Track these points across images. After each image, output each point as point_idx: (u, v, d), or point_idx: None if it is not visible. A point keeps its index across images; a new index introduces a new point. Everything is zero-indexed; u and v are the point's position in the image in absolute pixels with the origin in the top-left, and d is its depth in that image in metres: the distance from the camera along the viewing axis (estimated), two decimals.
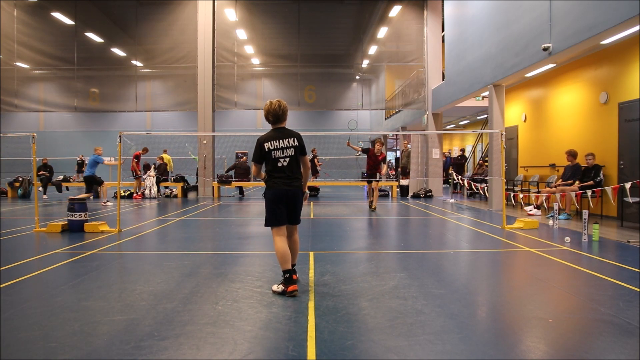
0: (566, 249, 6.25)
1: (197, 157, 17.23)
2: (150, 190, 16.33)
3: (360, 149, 12.00)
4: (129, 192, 16.34)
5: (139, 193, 16.22)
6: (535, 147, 12.62)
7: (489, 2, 11.64)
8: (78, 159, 22.09)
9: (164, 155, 17.84)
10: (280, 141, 4.18)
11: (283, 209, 4.19)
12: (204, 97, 16.76)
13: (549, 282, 4.60)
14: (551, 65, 10.14)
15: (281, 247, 4.13)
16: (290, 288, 4.00)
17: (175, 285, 4.40)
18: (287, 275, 4.04)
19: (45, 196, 15.72)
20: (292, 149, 4.21)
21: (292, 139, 4.23)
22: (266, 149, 4.17)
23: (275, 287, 4.14)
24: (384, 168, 11.91)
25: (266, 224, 4.24)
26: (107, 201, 13.75)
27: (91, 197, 16.09)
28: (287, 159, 4.19)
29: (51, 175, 16.73)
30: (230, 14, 17.08)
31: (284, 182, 4.18)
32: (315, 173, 21.00)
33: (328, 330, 3.19)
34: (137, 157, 16.35)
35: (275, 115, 4.23)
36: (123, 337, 3.09)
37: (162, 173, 17.18)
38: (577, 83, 10.57)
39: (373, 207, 11.46)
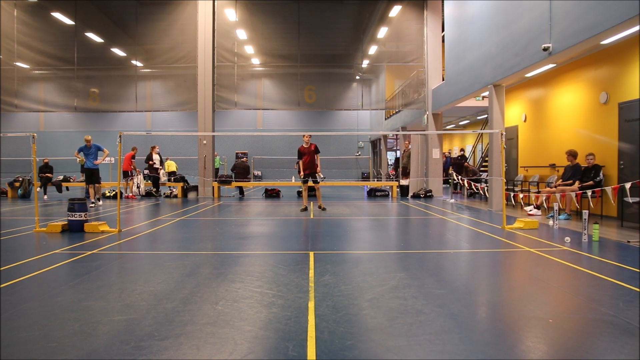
0: (566, 249, 6.25)
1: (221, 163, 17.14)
2: (139, 187, 16.19)
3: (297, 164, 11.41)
4: (114, 192, 16.17)
5: (132, 194, 16.07)
6: (535, 147, 12.62)
7: (489, 2, 11.64)
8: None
9: (153, 154, 17.78)
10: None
11: None
12: (204, 97, 16.75)
13: (549, 282, 4.60)
14: (551, 65, 10.14)
15: None
16: None
17: (175, 285, 4.40)
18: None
19: (45, 196, 15.71)
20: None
21: None
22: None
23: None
24: (317, 160, 11.04)
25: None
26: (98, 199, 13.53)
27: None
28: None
29: (51, 175, 16.70)
30: (230, 14, 17.08)
31: None
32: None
33: (328, 330, 3.19)
34: (133, 157, 16.25)
35: None
36: (123, 337, 3.09)
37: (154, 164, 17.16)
38: (577, 83, 10.56)
39: (319, 205, 10.99)
